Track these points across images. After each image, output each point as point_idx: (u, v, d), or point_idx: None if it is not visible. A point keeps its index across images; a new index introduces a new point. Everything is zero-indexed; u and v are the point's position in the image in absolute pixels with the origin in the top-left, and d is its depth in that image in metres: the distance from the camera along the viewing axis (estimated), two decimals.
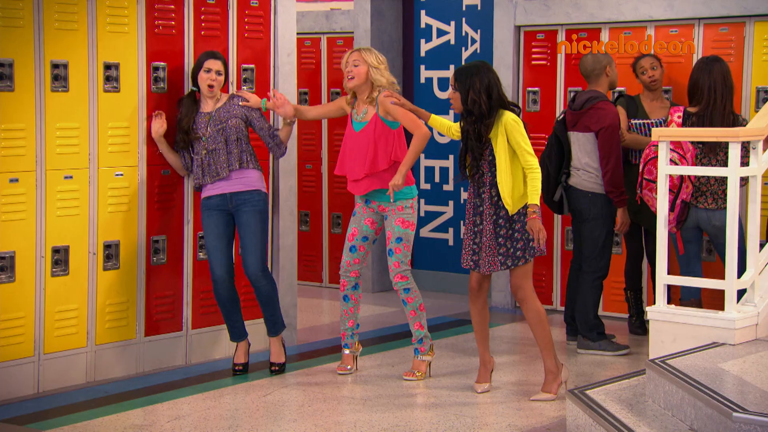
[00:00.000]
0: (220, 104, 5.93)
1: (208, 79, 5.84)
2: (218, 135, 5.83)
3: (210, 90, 5.86)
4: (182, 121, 5.89)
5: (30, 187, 5.61)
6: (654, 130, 5.53)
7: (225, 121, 5.86)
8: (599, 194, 6.43)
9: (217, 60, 5.88)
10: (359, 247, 5.93)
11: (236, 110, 5.92)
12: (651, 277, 6.87)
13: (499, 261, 5.35)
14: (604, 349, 6.46)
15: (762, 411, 4.07)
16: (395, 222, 5.82)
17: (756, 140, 5.27)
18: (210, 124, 5.84)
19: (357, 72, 5.82)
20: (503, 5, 7.81)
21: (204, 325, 6.39)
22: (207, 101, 5.92)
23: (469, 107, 5.33)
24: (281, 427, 5.09)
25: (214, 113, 5.88)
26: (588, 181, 6.45)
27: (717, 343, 5.14)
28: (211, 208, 5.89)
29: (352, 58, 5.86)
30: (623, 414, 4.61)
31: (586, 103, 6.40)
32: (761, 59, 6.79)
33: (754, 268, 5.32)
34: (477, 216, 5.42)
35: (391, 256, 5.83)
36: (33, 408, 5.40)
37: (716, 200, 6.15)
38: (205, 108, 5.91)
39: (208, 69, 5.84)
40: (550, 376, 5.46)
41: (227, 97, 5.98)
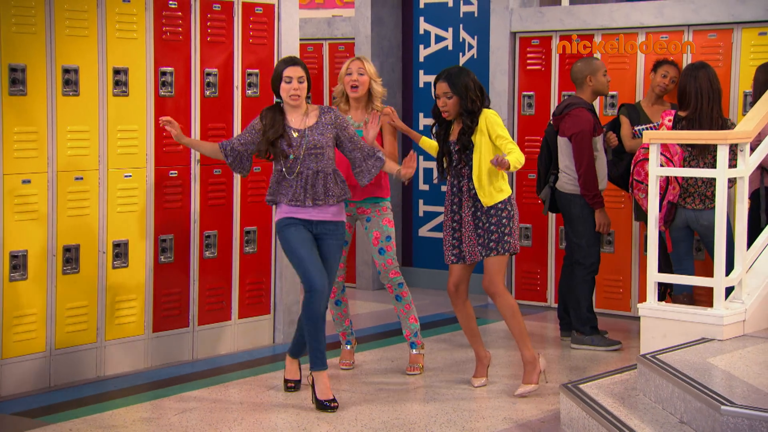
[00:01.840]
0: (311, 120, 5.22)
1: (291, 89, 5.15)
2: (311, 161, 5.16)
3: (295, 100, 5.18)
4: (268, 133, 5.17)
5: (42, 188, 5.61)
6: (645, 133, 5.54)
7: (321, 148, 5.17)
8: (578, 195, 6.46)
9: (297, 66, 5.18)
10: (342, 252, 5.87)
11: (328, 131, 5.22)
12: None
13: (478, 251, 5.37)
14: (597, 344, 6.46)
15: (749, 404, 4.08)
16: (383, 222, 5.81)
17: (743, 143, 5.27)
18: (303, 144, 5.15)
19: (362, 81, 5.79)
20: (499, 12, 7.81)
21: (210, 322, 6.39)
22: (294, 113, 5.23)
23: (470, 107, 5.34)
24: (285, 420, 5.09)
25: (307, 133, 5.18)
26: (568, 183, 6.49)
27: (706, 339, 5.15)
28: (297, 223, 5.20)
29: (356, 66, 5.81)
30: (615, 407, 4.62)
31: (565, 109, 6.44)
32: (748, 64, 6.78)
33: (742, 267, 5.32)
34: (456, 210, 5.43)
35: (384, 254, 5.81)
36: (44, 402, 5.40)
37: (703, 201, 6.16)
38: (293, 121, 5.21)
39: (289, 78, 5.16)
40: (529, 366, 5.44)
41: (318, 112, 5.26)
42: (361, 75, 5.80)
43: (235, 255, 6.49)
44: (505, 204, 5.36)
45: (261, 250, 6.60)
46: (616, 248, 7.41)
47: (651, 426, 4.35)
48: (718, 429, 4.06)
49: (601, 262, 6.77)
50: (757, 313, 5.34)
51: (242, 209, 6.50)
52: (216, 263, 6.39)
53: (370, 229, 5.85)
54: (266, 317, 6.68)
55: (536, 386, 5.42)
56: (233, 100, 6.44)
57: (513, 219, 5.37)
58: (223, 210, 6.42)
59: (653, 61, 6.90)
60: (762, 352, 4.97)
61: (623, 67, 7.29)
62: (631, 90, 7.29)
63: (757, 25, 6.80)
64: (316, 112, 5.23)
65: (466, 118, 5.37)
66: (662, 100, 6.83)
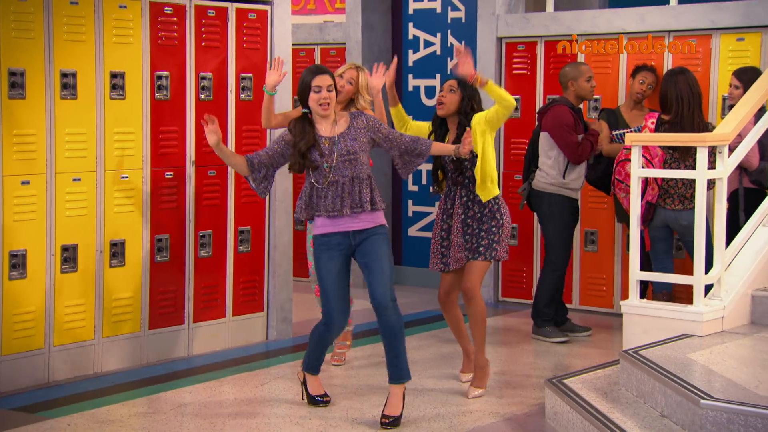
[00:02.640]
0: (340, 127, 4.93)
1: (320, 98, 4.85)
2: (345, 169, 4.87)
3: (325, 109, 4.88)
4: (299, 144, 4.87)
5: (41, 189, 5.59)
6: (627, 135, 5.55)
7: (354, 153, 4.89)
8: (549, 194, 6.50)
9: (325, 75, 4.88)
10: None
11: (362, 136, 4.94)
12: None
13: (465, 255, 5.34)
14: (547, 335, 6.57)
15: (727, 398, 4.08)
16: None
17: (722, 145, 5.29)
18: (334, 152, 4.87)
19: (347, 90, 5.74)
20: (486, 18, 7.82)
21: (205, 319, 6.38)
22: (323, 122, 4.94)
23: (468, 110, 5.31)
24: (278, 414, 5.09)
25: (338, 139, 4.90)
26: (541, 181, 6.53)
27: (686, 335, 5.16)
28: (332, 247, 4.92)
29: (348, 75, 5.76)
30: (598, 401, 4.63)
31: (547, 108, 6.50)
32: (726, 69, 6.81)
33: (721, 265, 5.34)
34: (446, 219, 5.41)
35: None
36: (43, 397, 5.39)
37: (682, 201, 6.18)
38: (323, 130, 4.92)
39: (318, 88, 4.85)
40: (481, 371, 5.40)
41: (348, 118, 4.99)
42: (350, 84, 5.74)
43: (230, 254, 6.48)
44: (495, 211, 5.33)
45: (254, 250, 6.60)
46: (599, 247, 7.43)
47: (633, 420, 4.36)
48: (698, 422, 4.07)
49: (584, 261, 6.81)
50: (736, 310, 5.36)
51: (236, 209, 6.50)
52: (210, 262, 6.39)
53: None
54: (260, 314, 6.68)
55: (485, 390, 5.39)
56: (227, 104, 6.43)
57: (502, 228, 5.34)
58: (217, 210, 6.41)
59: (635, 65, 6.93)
60: (740, 348, 4.99)
61: (606, 71, 7.30)
62: (614, 94, 7.30)
63: (735, 31, 6.83)
64: (345, 118, 4.96)
65: (464, 119, 5.32)
66: (641, 105, 6.85)
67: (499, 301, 7.93)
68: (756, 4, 6.76)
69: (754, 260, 5.50)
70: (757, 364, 4.73)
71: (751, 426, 3.93)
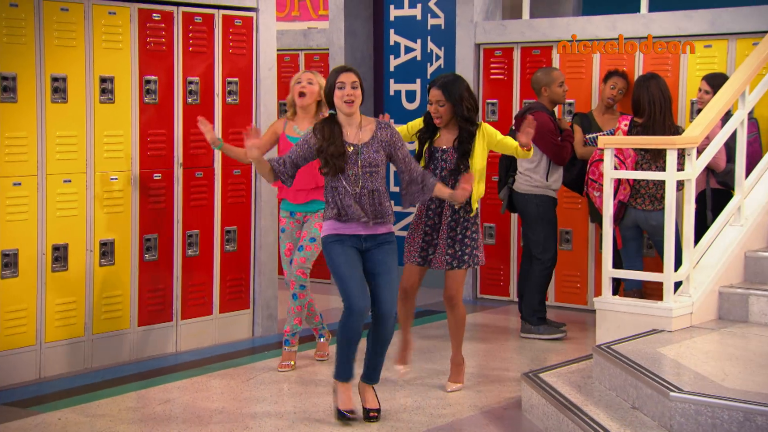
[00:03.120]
0: (365, 135, 4.75)
1: (344, 95, 4.66)
2: (366, 180, 4.71)
3: (350, 106, 4.68)
4: (329, 149, 4.68)
5: (32, 190, 5.57)
6: (600, 138, 5.59)
7: (376, 166, 4.71)
8: (532, 195, 6.51)
9: (350, 72, 4.70)
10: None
11: (383, 149, 4.76)
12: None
13: (446, 260, 5.22)
14: (542, 332, 6.54)
15: (695, 391, 4.11)
16: (315, 225, 5.72)
17: (690, 147, 5.32)
18: (358, 162, 4.70)
19: (310, 90, 5.72)
20: (464, 25, 7.84)
21: (192, 316, 6.36)
22: (349, 126, 4.75)
23: (466, 115, 5.18)
24: (263, 409, 5.09)
25: (362, 150, 4.72)
26: (524, 184, 6.53)
27: (656, 330, 5.19)
28: (345, 242, 4.76)
29: (306, 77, 5.74)
30: (572, 394, 4.65)
31: (524, 113, 6.49)
32: (695, 75, 6.85)
33: (689, 263, 5.37)
34: (431, 216, 5.26)
35: (300, 251, 5.71)
36: (35, 392, 5.37)
37: (652, 202, 6.21)
38: (348, 136, 4.74)
39: (342, 84, 4.68)
40: (458, 368, 5.39)
41: (374, 126, 4.78)
42: (310, 84, 5.73)
43: (216, 253, 6.47)
44: (475, 217, 5.28)
45: (241, 249, 6.59)
46: (574, 246, 7.47)
47: (605, 412, 4.38)
48: (667, 414, 4.10)
49: (559, 259, 6.82)
50: (704, 306, 5.40)
51: (223, 210, 6.49)
52: (198, 261, 6.38)
53: (303, 230, 5.78)
54: (246, 312, 6.67)
55: (462, 385, 5.38)
56: (214, 107, 6.42)
57: (479, 233, 5.30)
58: (204, 210, 6.40)
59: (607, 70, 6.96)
60: (708, 342, 5.02)
61: (579, 76, 7.34)
62: (587, 98, 7.34)
63: (703, 38, 6.88)
64: (371, 126, 4.76)
65: (466, 124, 5.19)
66: (612, 109, 6.88)
67: (478, 298, 7.95)
68: (723, 12, 6.81)
69: (721, 258, 5.54)
70: (724, 357, 4.76)
71: (717, 417, 3.96)
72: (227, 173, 6.47)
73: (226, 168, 6.45)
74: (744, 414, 3.91)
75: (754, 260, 5.64)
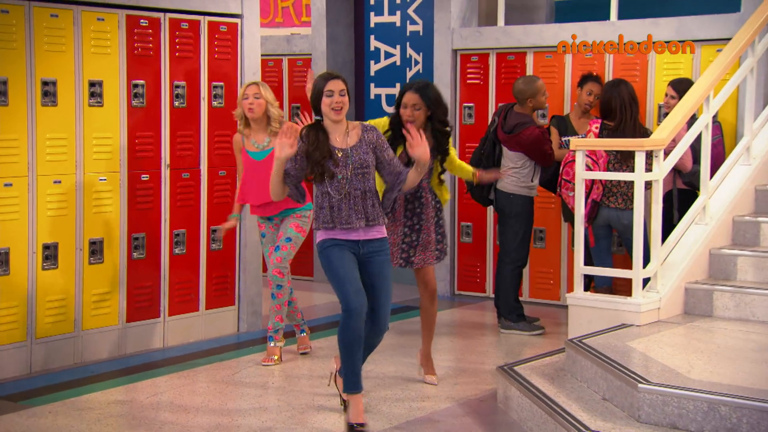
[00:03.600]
0: (352, 139, 4.59)
1: (333, 102, 4.51)
2: (358, 182, 4.54)
3: (338, 113, 4.53)
4: (315, 154, 4.53)
5: (23, 191, 5.54)
6: (572, 140, 5.61)
7: (367, 168, 4.56)
8: (518, 195, 6.53)
9: (337, 80, 4.54)
10: None
11: (371, 150, 4.61)
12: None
13: (435, 255, 5.29)
14: (522, 329, 6.56)
15: (662, 382, 4.14)
16: (290, 225, 5.72)
17: (658, 149, 5.35)
18: (348, 165, 4.54)
19: (258, 104, 5.68)
20: (442, 31, 7.86)
21: (179, 313, 6.35)
22: (336, 132, 4.58)
23: (442, 117, 5.15)
24: (248, 402, 5.09)
25: (351, 153, 4.56)
26: (510, 184, 6.54)
27: (625, 325, 5.21)
28: (343, 246, 4.55)
29: (252, 91, 5.67)
30: (546, 386, 4.66)
31: (515, 128, 6.46)
32: (662, 80, 6.89)
33: (657, 260, 5.41)
34: (410, 216, 5.24)
35: (277, 251, 5.70)
36: (26, 387, 5.34)
37: (625, 201, 6.24)
38: (336, 141, 4.57)
39: (330, 92, 4.52)
40: (431, 361, 5.42)
41: (359, 130, 4.63)
42: (257, 98, 5.69)
43: (202, 251, 6.45)
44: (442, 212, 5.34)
45: (226, 247, 6.58)
46: (547, 244, 7.50)
47: (577, 403, 4.40)
48: (636, 405, 4.12)
49: (533, 257, 6.84)
50: (671, 302, 5.43)
51: (208, 210, 6.47)
52: (184, 259, 6.36)
53: (281, 229, 5.77)
54: (231, 308, 6.66)
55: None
56: (200, 111, 6.41)
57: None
58: (190, 211, 6.38)
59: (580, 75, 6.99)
60: (674, 336, 5.05)
61: (553, 81, 7.37)
62: (560, 102, 7.38)
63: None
64: (357, 130, 4.61)
65: (442, 126, 5.17)
66: (588, 114, 6.91)
67: (455, 294, 7.97)
68: (688, 20, 6.86)
69: (687, 256, 5.58)
70: (690, 350, 4.79)
71: (683, 408, 3.99)
72: (213, 174, 6.45)
73: (212, 169, 6.44)
74: (708, 404, 3.94)
75: (718, 257, 5.69)
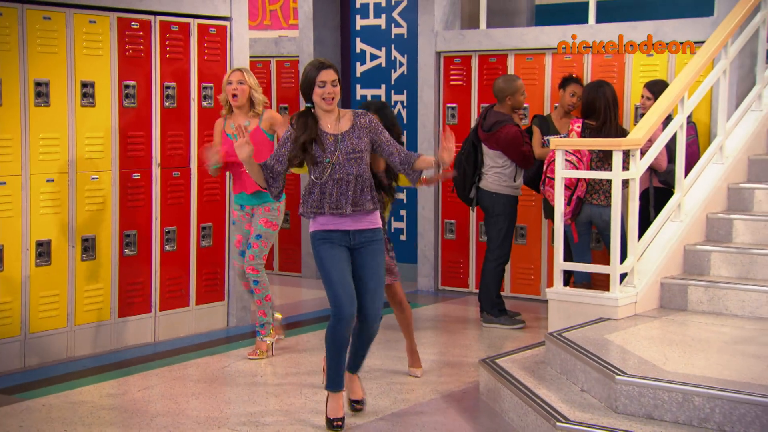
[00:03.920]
0: (344, 125, 4.44)
1: (325, 93, 4.37)
2: (351, 166, 4.40)
3: (329, 103, 4.40)
4: (299, 139, 4.39)
5: (16, 189, 5.51)
6: (552, 140, 5.62)
7: (359, 151, 4.42)
8: (501, 194, 6.54)
9: (329, 70, 4.38)
10: (246, 251, 5.78)
11: (365, 135, 4.46)
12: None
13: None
14: (504, 323, 6.58)
15: (639, 374, 4.16)
16: (260, 221, 5.71)
17: (634, 149, 5.38)
18: (339, 149, 4.39)
19: (242, 90, 5.67)
20: (426, 34, 7.86)
21: (170, 308, 6.33)
22: (327, 118, 4.44)
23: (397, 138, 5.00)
24: (237, 394, 5.08)
25: (343, 137, 4.42)
26: (493, 183, 6.55)
27: (603, 319, 5.23)
28: (333, 241, 4.43)
29: (236, 78, 5.67)
30: (526, 378, 4.68)
31: (494, 126, 6.49)
32: (638, 82, 6.93)
33: (634, 256, 5.43)
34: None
35: (249, 249, 5.69)
36: (20, 380, 5.32)
37: (607, 198, 6.23)
38: (327, 127, 4.43)
39: (323, 83, 4.36)
40: (416, 354, 5.44)
41: (351, 115, 4.48)
42: (241, 84, 5.69)
43: (193, 248, 6.44)
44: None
45: (216, 244, 6.57)
46: (528, 241, 7.52)
47: (556, 394, 4.42)
48: (613, 396, 4.14)
49: (514, 253, 6.85)
50: (647, 296, 5.46)
51: (198, 207, 6.46)
52: (175, 256, 6.34)
53: (252, 225, 5.75)
54: (221, 303, 6.65)
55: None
56: (190, 111, 6.39)
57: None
58: (181, 208, 6.37)
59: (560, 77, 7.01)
60: (650, 329, 5.08)
61: (534, 82, 7.39)
62: (541, 102, 7.40)
63: (645, 47, 6.96)
64: (349, 115, 4.46)
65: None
66: (569, 114, 6.93)
67: (439, 289, 7.99)
68: (663, 24, 6.90)
69: (662, 251, 5.60)
70: (665, 343, 4.82)
71: (659, 398, 4.01)
72: (203, 173, 6.43)
73: (201, 168, 6.42)
74: (683, 395, 3.97)
75: (693, 253, 5.72)
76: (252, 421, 4.63)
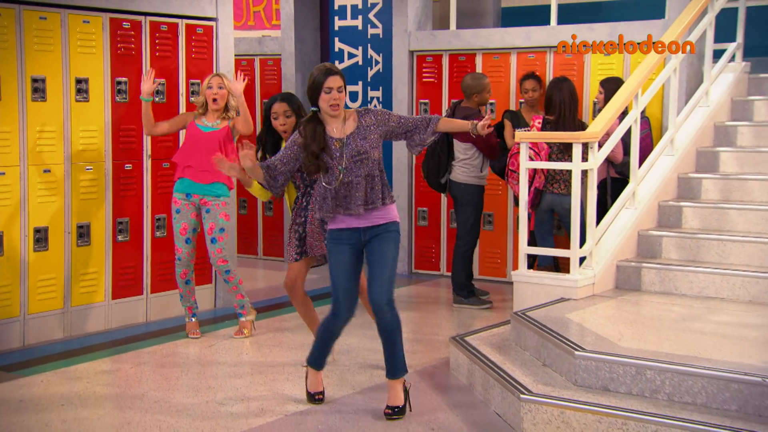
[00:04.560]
0: (349, 127, 4.25)
1: (331, 99, 4.17)
2: (358, 168, 4.21)
3: (335, 110, 4.20)
4: (311, 146, 4.20)
5: (15, 179, 5.47)
6: (517, 133, 5.65)
7: (365, 153, 4.22)
8: (469, 185, 6.57)
9: (336, 76, 4.18)
10: (192, 238, 5.73)
11: (372, 133, 4.26)
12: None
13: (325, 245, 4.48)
14: (473, 304, 6.62)
15: (596, 350, 4.20)
16: (219, 216, 5.64)
17: (593, 141, 5.41)
18: (345, 154, 4.21)
19: (221, 95, 5.64)
20: (399, 34, 7.87)
21: (161, 290, 6.32)
22: (333, 122, 4.24)
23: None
24: (223, 370, 5.09)
25: (348, 140, 4.23)
26: (462, 175, 6.58)
27: (564, 299, 5.27)
28: (342, 241, 4.28)
29: (216, 82, 5.64)
30: (493, 355, 4.72)
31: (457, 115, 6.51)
32: (596, 78, 6.98)
33: (592, 240, 5.48)
34: (300, 213, 4.94)
35: (215, 244, 5.63)
36: (19, 358, 5.29)
37: (567, 187, 6.29)
38: (333, 131, 4.24)
39: (329, 89, 4.17)
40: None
41: (356, 116, 4.28)
42: (221, 89, 5.64)
43: None
44: None
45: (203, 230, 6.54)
46: (495, 227, 7.57)
47: (521, 369, 4.46)
48: (573, 370, 4.19)
49: (482, 238, 6.89)
50: (604, 278, 5.51)
51: None
52: (165, 241, 6.32)
53: (207, 219, 5.65)
54: (208, 286, 6.65)
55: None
56: (179, 106, 6.36)
57: None
58: (170, 197, 6.31)
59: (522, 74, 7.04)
60: (607, 308, 5.12)
61: (499, 79, 7.42)
62: (506, 97, 7.43)
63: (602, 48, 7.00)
64: (354, 116, 4.26)
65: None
66: (536, 108, 6.96)
67: (413, 272, 8.02)
68: (619, 25, 6.94)
69: (618, 236, 5.65)
70: (620, 321, 4.86)
71: (614, 372, 4.06)
72: None
73: None
74: (636, 369, 4.02)
75: (646, 238, 5.78)
76: (238, 395, 4.64)
